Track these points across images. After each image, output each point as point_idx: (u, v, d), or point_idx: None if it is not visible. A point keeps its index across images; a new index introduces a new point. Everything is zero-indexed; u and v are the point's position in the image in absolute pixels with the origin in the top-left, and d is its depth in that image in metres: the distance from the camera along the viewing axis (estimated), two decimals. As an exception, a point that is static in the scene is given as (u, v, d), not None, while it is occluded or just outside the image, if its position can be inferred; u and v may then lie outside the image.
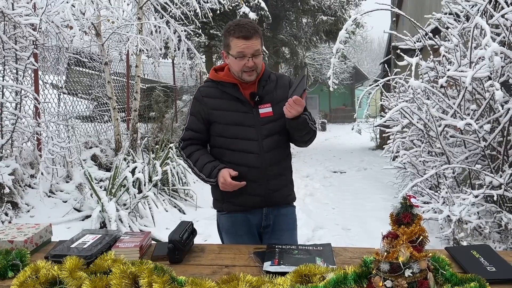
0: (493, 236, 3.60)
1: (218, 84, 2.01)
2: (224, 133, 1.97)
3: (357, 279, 1.25)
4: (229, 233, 2.08)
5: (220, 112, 1.97)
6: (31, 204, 4.46)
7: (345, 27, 3.84)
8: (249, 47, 1.87)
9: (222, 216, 2.10)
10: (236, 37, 1.86)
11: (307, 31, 13.91)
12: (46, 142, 4.70)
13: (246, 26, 1.87)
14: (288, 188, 2.10)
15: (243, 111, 1.96)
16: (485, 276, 1.28)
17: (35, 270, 1.38)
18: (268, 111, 1.98)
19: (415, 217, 1.18)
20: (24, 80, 4.56)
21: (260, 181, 1.96)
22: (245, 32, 1.86)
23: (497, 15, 3.30)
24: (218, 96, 1.99)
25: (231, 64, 1.94)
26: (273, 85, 2.04)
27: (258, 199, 2.00)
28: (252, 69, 1.91)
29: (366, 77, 31.42)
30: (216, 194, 2.08)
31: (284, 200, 2.09)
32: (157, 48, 6.75)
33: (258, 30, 1.91)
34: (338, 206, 6.39)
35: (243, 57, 1.87)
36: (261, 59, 1.94)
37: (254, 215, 2.03)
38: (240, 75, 1.93)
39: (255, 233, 2.06)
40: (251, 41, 1.86)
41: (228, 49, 1.92)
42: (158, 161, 5.82)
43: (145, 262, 1.37)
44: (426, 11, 5.82)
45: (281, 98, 2.00)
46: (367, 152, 13.26)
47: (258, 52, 1.90)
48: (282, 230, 2.06)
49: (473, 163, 3.94)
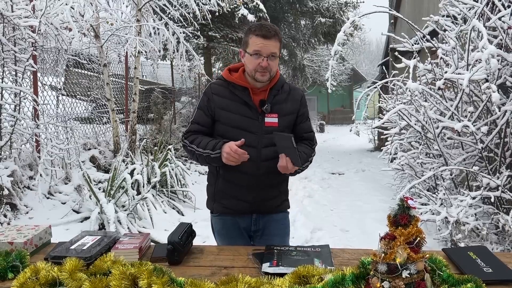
0: (490, 237, 3.62)
1: (229, 85, 1.99)
2: (225, 135, 1.95)
3: (355, 280, 1.25)
4: (220, 235, 2.09)
5: (226, 113, 1.95)
6: (29, 206, 4.46)
7: (343, 29, 3.85)
8: (266, 47, 1.86)
9: (214, 218, 2.11)
10: (256, 35, 1.86)
11: (305, 33, 13.93)
12: (45, 143, 4.70)
13: (267, 26, 1.88)
14: (280, 198, 2.09)
15: (249, 116, 1.94)
16: (482, 277, 1.29)
17: (35, 272, 1.38)
18: (274, 121, 1.96)
19: (412, 218, 1.19)
20: (23, 82, 4.57)
21: (252, 188, 1.96)
22: (265, 32, 1.85)
23: (494, 17, 3.32)
24: (227, 96, 1.97)
25: (246, 62, 1.93)
26: (285, 96, 2.02)
27: (247, 205, 2.00)
28: (265, 70, 1.89)
29: (364, 78, 31.48)
30: (209, 193, 2.09)
31: (274, 209, 2.08)
32: (156, 50, 6.76)
33: (279, 34, 1.91)
34: (336, 208, 6.40)
35: (258, 56, 1.86)
36: (276, 63, 1.92)
37: (243, 220, 2.04)
38: (253, 74, 1.90)
39: (245, 236, 2.06)
40: (269, 42, 1.86)
41: (246, 47, 1.91)
42: (156, 162, 5.83)
43: (145, 263, 1.37)
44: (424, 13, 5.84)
45: (289, 111, 2.00)
46: (365, 153, 13.27)
47: (275, 54, 1.89)
48: (272, 235, 2.05)
49: (471, 165, 3.96)
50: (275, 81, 1.99)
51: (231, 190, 1.99)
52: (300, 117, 2.05)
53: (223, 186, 2.02)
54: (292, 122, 2.03)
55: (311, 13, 12.94)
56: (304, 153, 1.97)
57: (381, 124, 4.19)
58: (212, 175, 2.08)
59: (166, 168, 5.82)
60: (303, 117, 2.07)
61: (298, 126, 2.05)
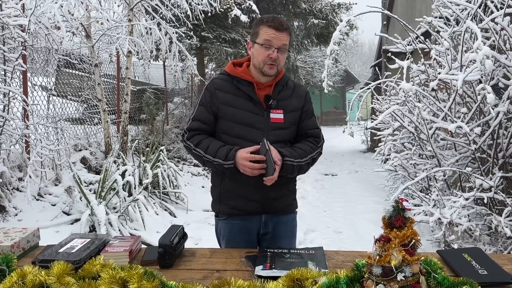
0: (483, 238, 3.63)
1: (233, 79, 1.94)
2: (229, 131, 1.90)
3: (349, 283, 1.24)
4: (226, 239, 2.01)
5: (230, 109, 1.90)
6: (19, 208, 4.40)
7: (339, 28, 3.83)
8: (278, 39, 1.83)
9: (221, 222, 2.02)
10: (268, 26, 1.84)
11: (298, 34, 13.93)
12: (34, 144, 4.64)
13: (280, 20, 1.86)
14: (289, 197, 2.04)
15: (254, 112, 1.89)
16: (477, 279, 1.27)
17: (21, 276, 1.34)
18: (280, 117, 1.92)
19: (407, 220, 1.18)
20: (12, 82, 4.50)
21: (260, 187, 1.87)
22: (278, 24, 1.83)
23: (487, 19, 3.33)
24: (231, 91, 1.92)
25: (255, 53, 1.89)
26: (289, 93, 1.99)
27: (256, 205, 1.93)
28: (274, 63, 1.86)
29: (357, 80, 31.60)
30: (215, 194, 2.02)
31: (284, 209, 2.02)
32: (147, 50, 6.72)
33: (289, 28, 1.88)
34: (329, 209, 6.40)
35: (269, 46, 1.83)
36: (284, 57, 1.90)
37: (253, 222, 1.97)
38: (261, 66, 1.87)
39: (253, 240, 1.99)
40: (281, 34, 1.84)
41: (256, 38, 1.88)
42: (148, 163, 5.78)
43: (135, 267, 1.35)
44: (417, 15, 5.85)
45: (294, 107, 1.96)
46: (358, 154, 13.31)
47: (285, 47, 1.87)
48: (281, 238, 2.00)
49: (464, 166, 3.97)
50: (280, 76, 1.96)
51: (239, 190, 1.92)
52: (304, 114, 2.01)
53: (230, 187, 1.94)
54: (297, 118, 1.98)
55: (304, 15, 12.95)
56: (300, 149, 1.92)
57: (374, 125, 4.19)
58: (217, 176, 2.00)
59: (158, 169, 5.77)
60: (308, 113, 2.02)
61: (302, 122, 2.00)
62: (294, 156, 1.87)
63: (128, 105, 6.60)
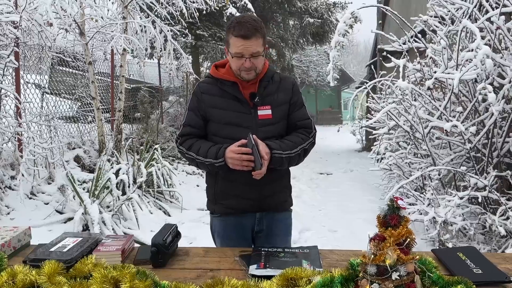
0: (477, 237, 3.64)
1: (217, 82, 1.94)
2: (218, 133, 1.91)
3: (343, 282, 1.22)
4: (220, 236, 2.02)
5: (217, 111, 1.90)
6: (11, 206, 4.36)
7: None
8: (247, 48, 1.78)
9: (215, 219, 2.03)
10: (235, 36, 1.78)
11: (293, 33, 13.91)
12: (27, 142, 4.60)
13: (246, 24, 1.77)
14: (283, 193, 2.04)
15: (242, 111, 1.89)
16: (472, 278, 1.27)
17: (12, 275, 1.32)
18: (267, 113, 1.90)
19: (402, 219, 1.17)
20: (4, 79, 4.46)
21: (254, 185, 1.87)
22: (245, 31, 1.76)
23: (483, 18, 3.33)
24: (217, 94, 1.92)
25: (230, 61, 1.88)
26: (275, 87, 1.96)
27: (251, 203, 1.93)
28: (250, 69, 1.84)
29: (352, 79, 31.68)
30: (209, 194, 2.03)
31: (279, 206, 2.02)
32: (142, 48, 6.68)
33: (260, 30, 1.80)
34: (324, 208, 6.40)
35: (241, 57, 1.81)
36: (261, 60, 1.86)
37: (247, 219, 1.97)
38: (238, 73, 1.86)
39: (247, 237, 2.00)
40: (250, 42, 1.77)
41: (228, 46, 1.86)
42: (143, 162, 5.75)
43: (127, 266, 1.33)
44: (412, 14, 5.85)
45: (282, 101, 1.94)
46: (353, 154, 13.34)
47: (258, 53, 1.81)
48: (275, 236, 2.00)
49: (458, 165, 3.98)
50: (264, 72, 1.94)
51: (233, 189, 1.93)
52: (292, 106, 1.98)
53: (224, 187, 1.95)
54: (286, 112, 1.96)
55: (300, 13, 12.94)
56: (290, 141, 1.90)
57: (370, 124, 4.19)
58: (211, 176, 2.01)
59: (152, 168, 5.74)
60: (296, 105, 1.99)
61: (292, 115, 1.98)
62: (283, 148, 1.85)
63: (122, 103, 6.56)
